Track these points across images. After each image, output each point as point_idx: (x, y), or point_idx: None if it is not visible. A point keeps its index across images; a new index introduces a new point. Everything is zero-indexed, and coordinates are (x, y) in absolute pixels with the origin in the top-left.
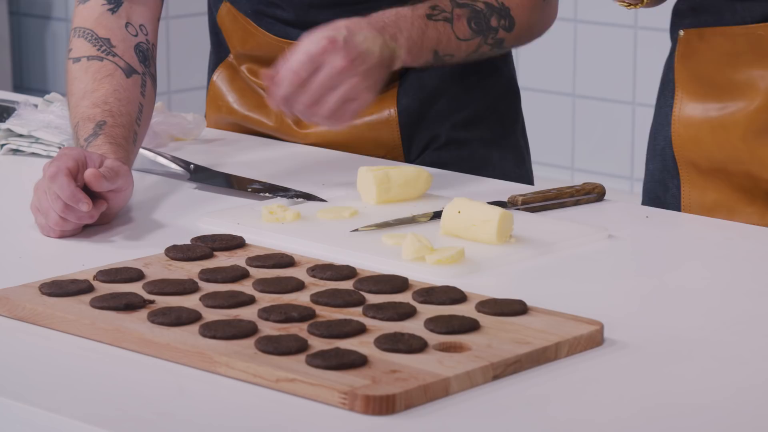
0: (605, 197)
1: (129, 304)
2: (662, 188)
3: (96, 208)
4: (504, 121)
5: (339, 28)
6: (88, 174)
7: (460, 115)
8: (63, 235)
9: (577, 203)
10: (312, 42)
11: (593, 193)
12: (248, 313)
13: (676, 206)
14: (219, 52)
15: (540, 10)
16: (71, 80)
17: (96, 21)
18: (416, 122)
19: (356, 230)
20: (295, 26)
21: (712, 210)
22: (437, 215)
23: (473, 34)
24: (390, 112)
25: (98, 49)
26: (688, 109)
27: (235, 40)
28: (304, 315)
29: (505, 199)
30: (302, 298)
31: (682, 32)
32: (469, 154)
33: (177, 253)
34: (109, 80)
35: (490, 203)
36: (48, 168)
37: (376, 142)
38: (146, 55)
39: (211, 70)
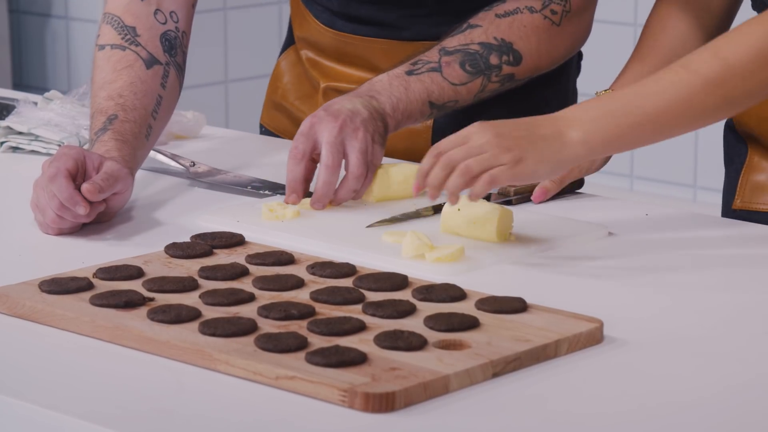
0: (606, 195)
1: (129, 302)
2: (728, 161)
3: (93, 209)
4: None
5: (315, 112)
6: (85, 190)
7: None
8: (61, 233)
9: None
10: (300, 126)
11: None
12: (248, 310)
13: (735, 180)
14: (290, 36)
15: (552, 35)
16: (95, 68)
17: (125, 8)
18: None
19: (370, 226)
20: (339, 17)
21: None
22: (438, 210)
23: (470, 76)
24: (426, 122)
25: (123, 38)
26: None
27: (296, 23)
28: (304, 312)
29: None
30: (302, 296)
31: None
32: None
33: (177, 250)
34: (127, 72)
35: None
36: (48, 167)
37: (407, 151)
38: (173, 43)
39: (281, 53)
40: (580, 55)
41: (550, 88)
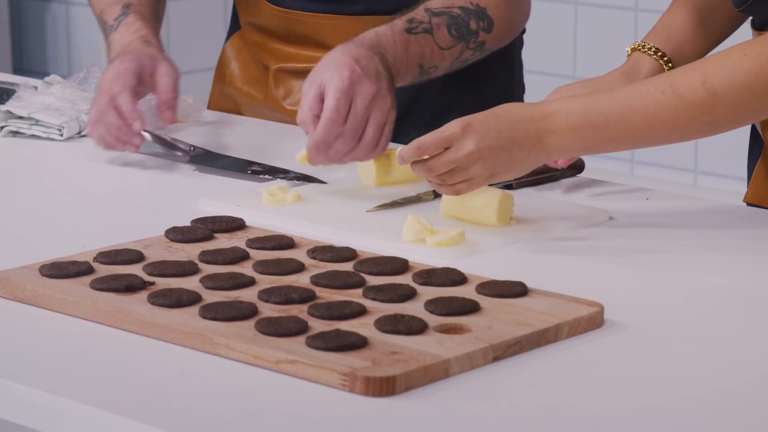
0: (606, 180)
1: (129, 286)
2: (750, 152)
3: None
4: None
5: (345, 58)
6: (166, 118)
7: (448, 117)
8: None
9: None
10: (336, 79)
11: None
12: (248, 294)
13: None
14: (235, 22)
15: (515, 4)
16: None
17: None
18: (403, 116)
19: (371, 210)
20: None
21: None
22: (438, 194)
23: (454, 41)
24: None
25: None
26: None
27: (241, 7)
28: (305, 297)
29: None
30: (302, 280)
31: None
32: None
33: (177, 234)
34: None
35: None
36: (112, 82)
37: None
38: None
39: (226, 40)
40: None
41: (487, 80)
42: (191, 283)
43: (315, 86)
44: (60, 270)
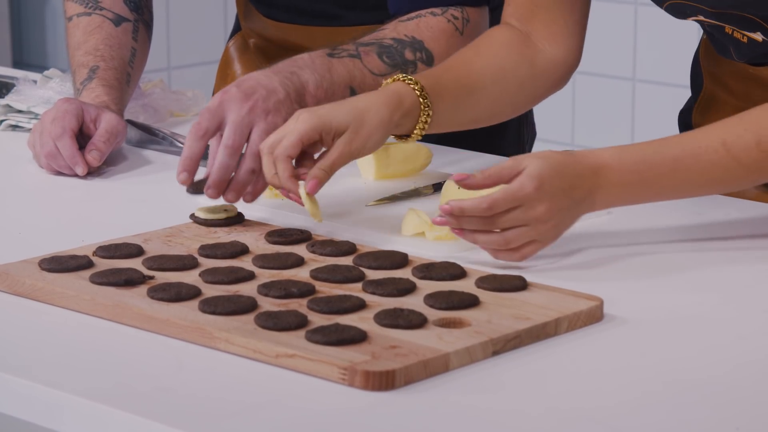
0: None
1: (129, 280)
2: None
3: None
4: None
5: (227, 87)
6: (91, 159)
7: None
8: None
9: None
10: (209, 102)
11: None
12: (248, 288)
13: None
14: (238, 21)
15: (459, 42)
16: (67, 36)
17: None
18: None
19: (371, 204)
20: (277, 8)
21: None
22: (438, 188)
23: (389, 68)
24: None
25: (85, 6)
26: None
27: (240, 12)
28: (304, 291)
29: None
30: (302, 274)
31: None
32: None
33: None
34: (98, 31)
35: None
36: (51, 124)
37: None
38: (138, 4)
39: (230, 37)
40: None
41: None
42: (191, 277)
43: None
44: (59, 264)
